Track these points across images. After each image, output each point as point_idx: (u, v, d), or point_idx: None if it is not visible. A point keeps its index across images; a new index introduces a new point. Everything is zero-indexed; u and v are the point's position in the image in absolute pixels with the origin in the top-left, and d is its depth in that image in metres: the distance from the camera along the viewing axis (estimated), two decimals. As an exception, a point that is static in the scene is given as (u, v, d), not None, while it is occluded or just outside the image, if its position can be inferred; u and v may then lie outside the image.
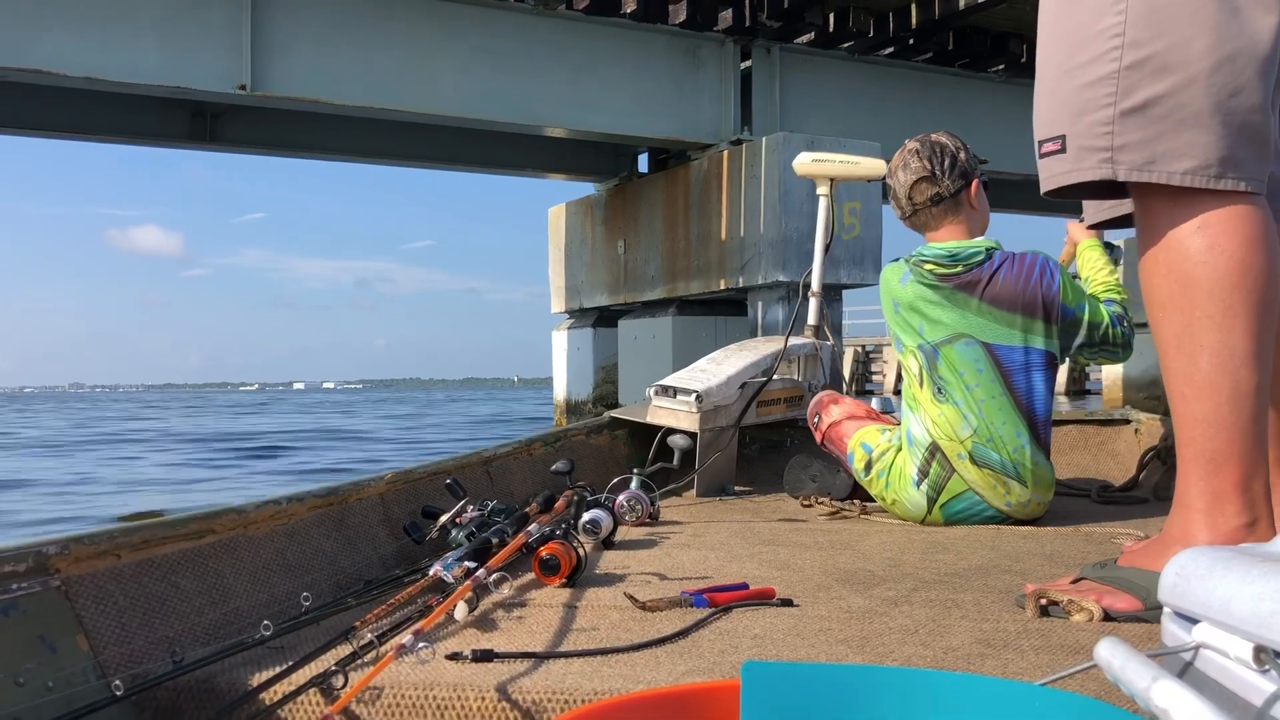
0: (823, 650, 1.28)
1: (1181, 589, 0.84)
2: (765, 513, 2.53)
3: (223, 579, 1.46)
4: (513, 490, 2.37)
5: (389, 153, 11.15)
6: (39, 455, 14.93)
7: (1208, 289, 1.34)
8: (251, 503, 1.60)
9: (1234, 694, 0.77)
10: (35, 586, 1.20)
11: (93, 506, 8.41)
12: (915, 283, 2.37)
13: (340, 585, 1.65)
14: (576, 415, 12.01)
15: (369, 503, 1.87)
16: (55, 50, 7.84)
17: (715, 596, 1.50)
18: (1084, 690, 1.03)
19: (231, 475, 11.45)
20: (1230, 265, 1.33)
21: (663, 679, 1.17)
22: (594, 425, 2.96)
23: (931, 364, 2.34)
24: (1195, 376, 1.35)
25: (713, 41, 10.21)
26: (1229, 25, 1.31)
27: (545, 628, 1.40)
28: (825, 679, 0.80)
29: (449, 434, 18.76)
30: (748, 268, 9.48)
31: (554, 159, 11.74)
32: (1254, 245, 1.33)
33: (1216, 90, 1.32)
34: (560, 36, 9.69)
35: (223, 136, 10.33)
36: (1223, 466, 1.34)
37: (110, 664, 1.22)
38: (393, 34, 9.02)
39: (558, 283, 12.64)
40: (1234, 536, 1.33)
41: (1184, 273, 1.35)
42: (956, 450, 2.29)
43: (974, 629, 1.37)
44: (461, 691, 1.15)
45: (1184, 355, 1.36)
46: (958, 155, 2.41)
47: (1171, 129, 1.34)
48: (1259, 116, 1.33)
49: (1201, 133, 1.33)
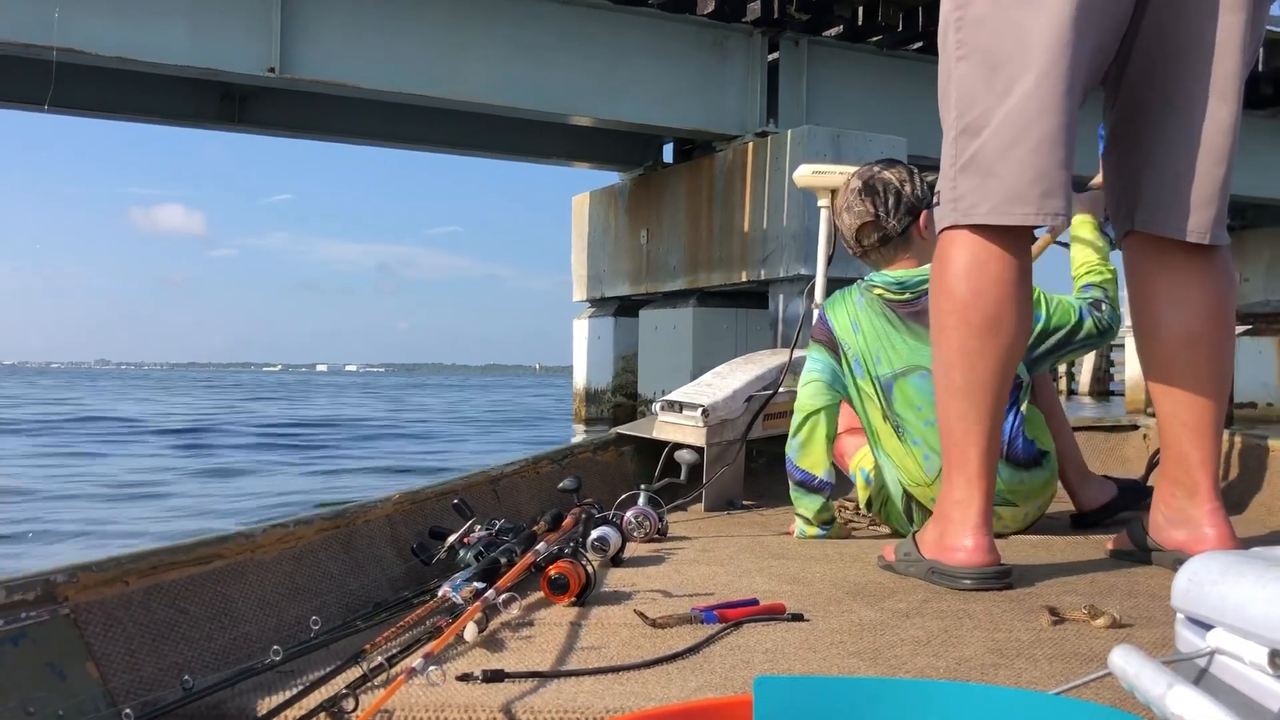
0: (835, 664, 1.27)
1: (1195, 594, 0.83)
2: (774, 526, 2.52)
3: (231, 604, 1.45)
4: (520, 509, 2.37)
5: (415, 138, 11.23)
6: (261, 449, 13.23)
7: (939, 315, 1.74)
8: (258, 526, 1.59)
9: (1250, 699, 0.76)
10: (44, 615, 1.19)
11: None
12: (868, 309, 2.31)
13: (349, 608, 1.65)
14: (596, 404, 12.03)
15: (376, 524, 1.87)
16: (88, 29, 7.94)
17: (726, 613, 1.50)
18: (1098, 698, 1.02)
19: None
20: (945, 291, 1.71)
21: (674, 696, 1.16)
22: (600, 442, 2.96)
23: (888, 400, 2.26)
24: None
25: (740, 33, 10.23)
26: (1003, 91, 1.62)
27: (555, 647, 1.40)
28: (838, 692, 0.79)
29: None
30: (770, 260, 9.47)
31: (580, 148, 11.82)
32: (978, 273, 1.66)
33: (1003, 140, 1.62)
34: (589, 27, 9.72)
35: (250, 118, 10.42)
36: (948, 456, 1.74)
37: (120, 691, 1.21)
38: (422, 21, 9.09)
39: (580, 271, 12.67)
40: (950, 512, 1.71)
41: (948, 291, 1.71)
42: (928, 495, 2.21)
43: (986, 639, 1.36)
44: (473, 713, 1.15)
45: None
46: (903, 190, 2.32)
47: (981, 180, 1.65)
48: (1043, 159, 1.60)
49: (996, 179, 1.63)
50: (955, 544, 1.70)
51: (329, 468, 10.24)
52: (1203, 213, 1.67)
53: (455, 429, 16.87)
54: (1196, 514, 1.70)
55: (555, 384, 50.17)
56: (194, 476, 9.53)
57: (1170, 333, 1.70)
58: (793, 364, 2.93)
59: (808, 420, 2.32)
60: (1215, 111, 1.64)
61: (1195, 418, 1.69)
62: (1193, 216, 1.68)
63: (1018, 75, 1.61)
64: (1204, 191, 1.67)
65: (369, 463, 10.70)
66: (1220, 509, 1.70)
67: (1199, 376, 1.68)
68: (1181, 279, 1.69)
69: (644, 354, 11.39)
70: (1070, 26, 1.58)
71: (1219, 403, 1.69)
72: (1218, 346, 1.68)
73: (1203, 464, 1.69)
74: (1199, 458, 1.69)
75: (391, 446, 12.87)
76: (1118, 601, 1.53)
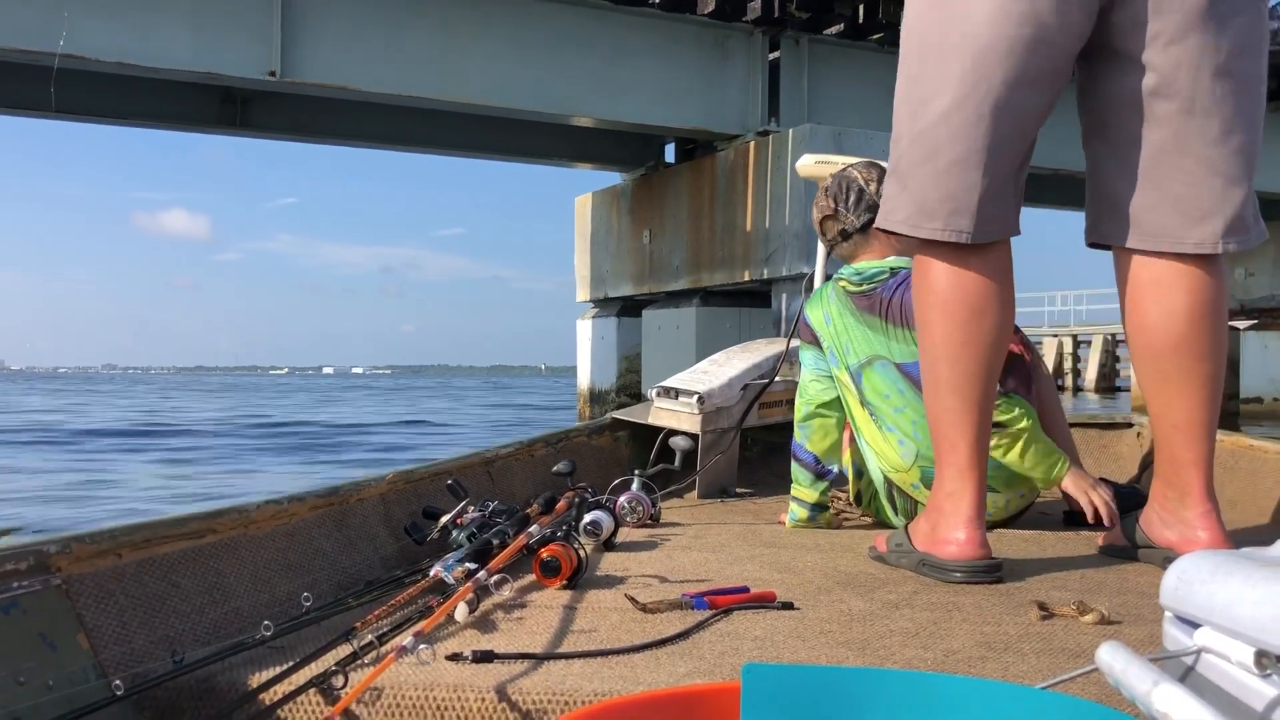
0: (824, 653, 1.28)
1: (1183, 593, 0.84)
2: (767, 515, 2.52)
3: (223, 578, 1.46)
4: (514, 491, 2.37)
5: (417, 140, 11.19)
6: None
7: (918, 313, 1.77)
8: (252, 502, 1.60)
9: (1236, 699, 0.76)
10: (36, 585, 1.20)
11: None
12: (837, 301, 2.35)
13: (341, 586, 1.65)
14: (600, 404, 12.04)
15: (370, 503, 1.87)
16: (88, 35, 7.90)
17: (716, 599, 1.50)
18: (1085, 694, 1.03)
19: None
20: (921, 296, 1.73)
21: (663, 680, 1.16)
22: (595, 426, 2.96)
23: (860, 389, 2.28)
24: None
25: (741, 32, 10.18)
26: (919, 111, 1.66)
27: (546, 629, 1.40)
28: (826, 681, 0.80)
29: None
30: (772, 259, 9.46)
31: (581, 148, 11.77)
32: (939, 282, 1.69)
33: (915, 156, 1.67)
34: (589, 26, 9.68)
35: (252, 122, 10.37)
36: (939, 450, 1.76)
37: (111, 663, 1.22)
38: (422, 23, 9.05)
39: (583, 272, 12.65)
40: (942, 505, 1.73)
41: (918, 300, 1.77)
42: (909, 480, 2.23)
43: (975, 632, 1.36)
44: (462, 693, 1.15)
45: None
46: (866, 189, 2.38)
47: (899, 188, 1.71)
48: (952, 182, 1.64)
49: (908, 192, 1.69)
50: (947, 536, 1.70)
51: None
52: (1159, 220, 1.65)
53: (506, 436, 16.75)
54: (1189, 515, 1.71)
55: (566, 384, 49.59)
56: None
57: (1157, 336, 1.68)
58: (789, 354, 2.93)
59: (818, 412, 2.36)
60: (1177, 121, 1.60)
61: (1186, 420, 1.68)
62: (1134, 225, 1.66)
63: (931, 97, 1.64)
64: (1151, 198, 1.65)
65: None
66: (1213, 511, 1.70)
67: (1189, 379, 1.67)
68: (1166, 281, 1.67)
69: (647, 354, 11.39)
70: (995, 58, 1.58)
71: (1210, 405, 1.69)
72: (1208, 348, 1.66)
73: (1195, 465, 1.69)
74: (1191, 459, 1.69)
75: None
76: (1107, 598, 1.54)
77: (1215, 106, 1.58)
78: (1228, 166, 1.61)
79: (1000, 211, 1.67)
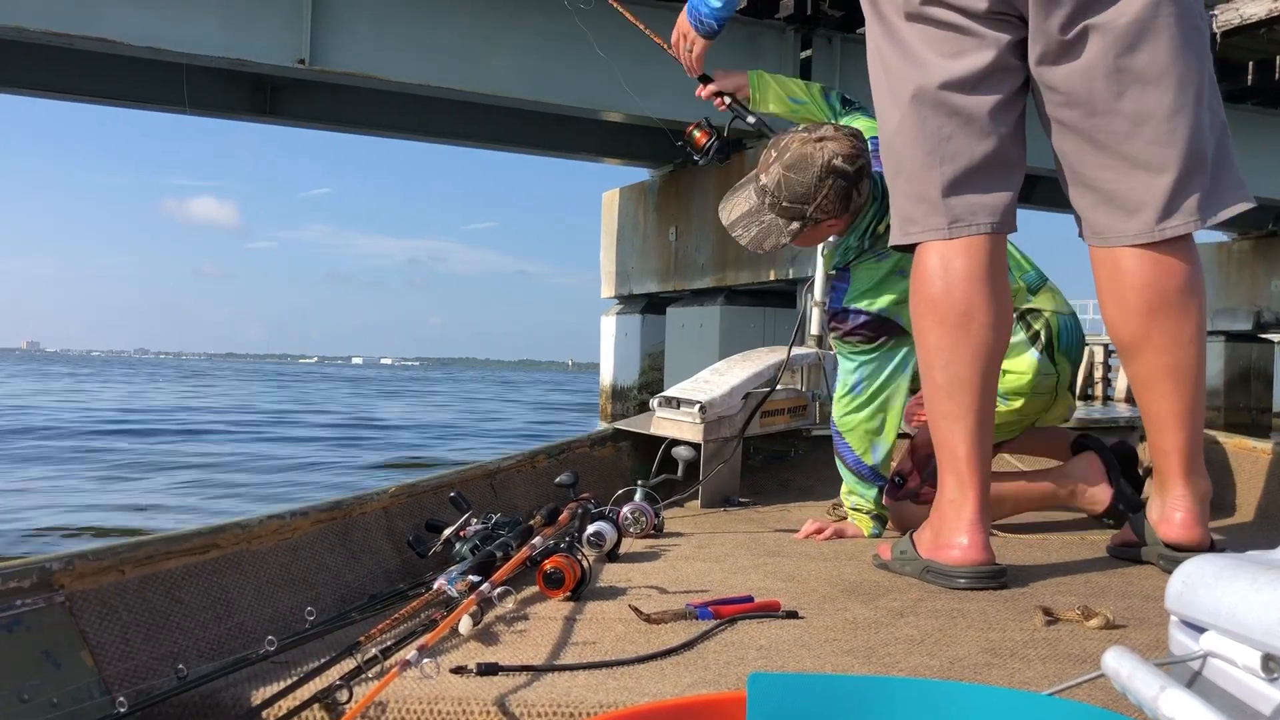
0: (829, 661, 1.28)
1: (1188, 597, 0.83)
2: (770, 524, 2.52)
3: (227, 594, 1.45)
4: (516, 503, 2.37)
5: (446, 132, 11.18)
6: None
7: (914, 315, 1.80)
8: (255, 517, 1.59)
9: (1242, 703, 0.76)
10: (40, 602, 1.19)
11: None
12: (874, 281, 2.37)
13: (344, 600, 1.65)
14: (622, 402, 11.99)
15: (372, 516, 1.87)
16: (119, 19, 7.94)
17: (720, 609, 1.50)
18: (1091, 700, 1.02)
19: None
20: (918, 296, 1.77)
21: (668, 691, 1.16)
22: (597, 437, 2.96)
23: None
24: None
25: (773, 30, 10.14)
26: (883, 121, 1.79)
27: (549, 641, 1.40)
28: (831, 690, 0.80)
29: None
30: (798, 259, 9.42)
31: (611, 143, 11.74)
32: (934, 280, 1.73)
33: (889, 170, 1.79)
34: (619, 21, 9.69)
35: (282, 110, 10.38)
36: (940, 456, 1.76)
37: (115, 680, 1.22)
38: (453, 14, 9.04)
39: (608, 268, 12.61)
40: (944, 511, 1.74)
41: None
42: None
43: (980, 638, 1.36)
44: (466, 705, 1.15)
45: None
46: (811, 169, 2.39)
47: (891, 208, 1.82)
48: (917, 184, 1.72)
49: (894, 207, 1.80)
50: (950, 542, 1.70)
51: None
52: (1092, 213, 1.71)
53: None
54: (1168, 499, 1.78)
55: (591, 380, 49.15)
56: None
57: (1118, 331, 1.74)
58: (790, 362, 2.93)
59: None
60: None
61: (1158, 409, 1.74)
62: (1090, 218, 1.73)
63: (889, 110, 1.76)
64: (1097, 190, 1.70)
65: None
66: (1189, 495, 1.76)
67: (1154, 372, 1.72)
68: (1119, 278, 1.71)
69: (671, 352, 11.34)
70: (933, 77, 1.68)
71: (1180, 394, 1.72)
72: (1169, 339, 1.69)
73: (1170, 453, 1.75)
74: (1165, 446, 1.75)
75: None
76: (1111, 603, 1.54)
77: (1115, 105, 1.63)
78: (1148, 157, 1.64)
79: (973, 205, 1.70)
